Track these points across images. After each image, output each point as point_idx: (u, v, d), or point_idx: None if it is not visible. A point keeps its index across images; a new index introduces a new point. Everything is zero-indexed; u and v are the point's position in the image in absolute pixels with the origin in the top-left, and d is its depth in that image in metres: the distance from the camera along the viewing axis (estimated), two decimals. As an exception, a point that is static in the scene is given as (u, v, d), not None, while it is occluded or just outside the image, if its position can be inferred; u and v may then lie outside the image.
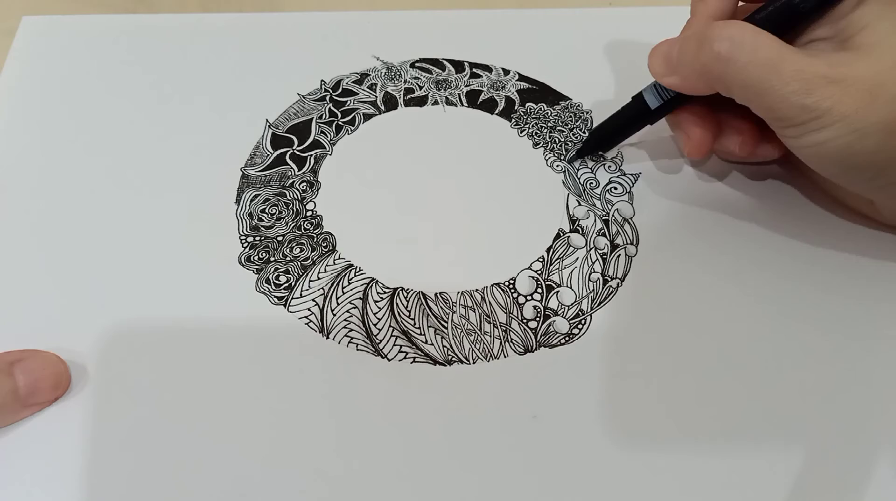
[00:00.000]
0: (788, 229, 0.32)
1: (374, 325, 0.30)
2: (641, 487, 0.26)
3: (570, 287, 0.31)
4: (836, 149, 0.26)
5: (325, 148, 0.35)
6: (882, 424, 0.28)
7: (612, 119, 0.33)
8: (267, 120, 0.35)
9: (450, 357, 0.29)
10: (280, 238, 0.32)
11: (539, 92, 0.37)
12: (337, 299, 0.30)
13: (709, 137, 0.31)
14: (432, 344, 0.29)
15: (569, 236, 0.32)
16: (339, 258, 0.31)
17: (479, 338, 0.29)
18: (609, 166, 0.34)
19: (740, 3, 0.30)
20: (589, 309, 0.30)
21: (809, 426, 0.28)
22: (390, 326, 0.30)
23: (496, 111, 0.36)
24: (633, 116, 0.32)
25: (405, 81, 0.37)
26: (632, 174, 0.34)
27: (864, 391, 0.28)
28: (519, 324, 0.30)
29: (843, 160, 0.26)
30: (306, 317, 0.30)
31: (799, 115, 0.26)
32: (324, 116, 0.36)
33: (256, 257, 0.31)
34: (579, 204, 0.33)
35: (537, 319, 0.30)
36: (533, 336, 0.29)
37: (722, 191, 0.34)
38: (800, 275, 0.31)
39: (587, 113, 0.36)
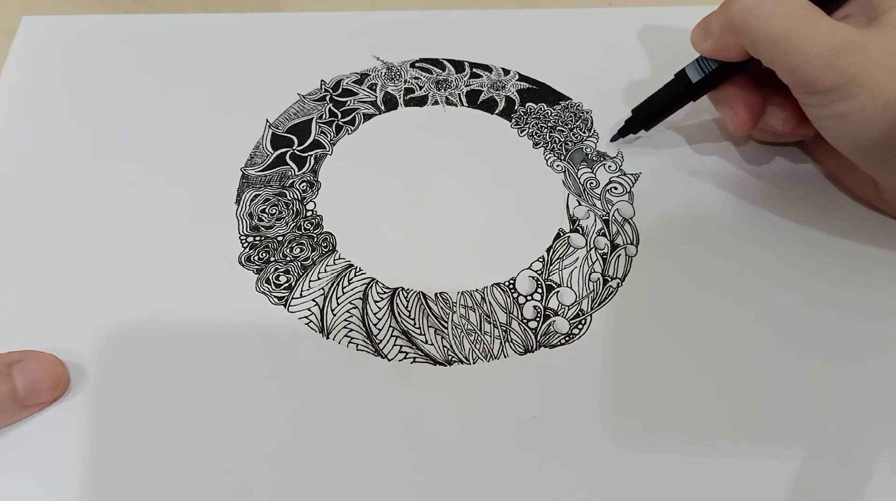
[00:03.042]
0: (788, 229, 0.32)
1: (374, 325, 0.30)
2: (641, 487, 0.26)
3: (571, 287, 0.31)
4: (858, 121, 0.26)
5: (325, 148, 0.35)
6: (883, 420, 0.28)
7: (655, 97, 0.33)
8: (267, 120, 0.35)
9: (450, 357, 0.29)
10: (280, 238, 0.32)
11: (539, 92, 0.37)
12: (337, 299, 0.30)
13: (753, 112, 0.31)
14: (432, 344, 0.29)
15: (569, 236, 0.32)
16: (339, 258, 0.31)
17: (479, 338, 0.29)
18: (609, 166, 0.34)
19: None
20: (589, 309, 0.30)
21: (810, 424, 0.28)
22: (390, 326, 0.30)
23: (496, 111, 0.36)
24: (676, 93, 0.33)
25: (405, 81, 0.37)
26: (632, 174, 0.34)
27: (864, 390, 0.28)
28: (519, 324, 0.30)
29: (864, 134, 0.26)
30: (306, 317, 0.30)
31: (824, 78, 0.26)
32: (324, 116, 0.36)
33: (256, 257, 0.31)
34: (579, 204, 0.33)
35: (537, 319, 0.30)
36: (533, 336, 0.29)
37: (722, 191, 0.34)
38: (800, 275, 0.31)
39: (587, 113, 0.36)
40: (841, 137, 0.28)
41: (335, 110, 0.36)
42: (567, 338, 0.29)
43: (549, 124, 0.36)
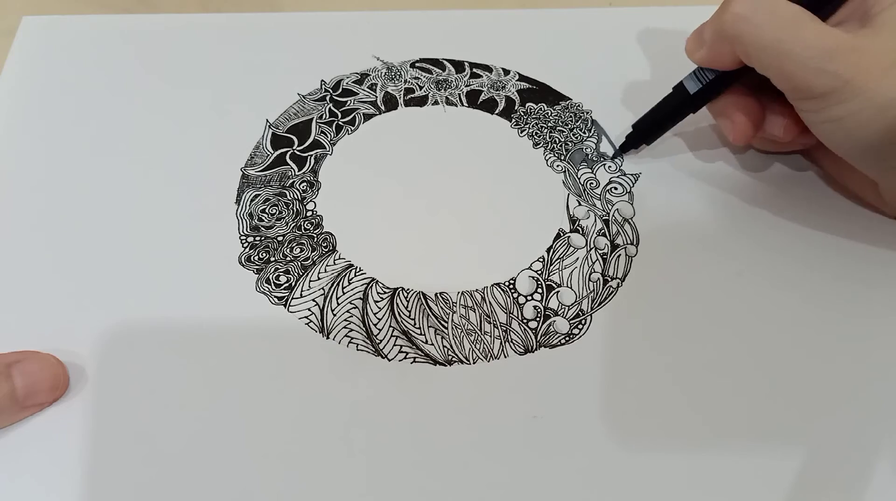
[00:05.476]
0: (789, 229, 0.32)
1: (375, 325, 0.30)
2: (642, 487, 0.26)
3: (571, 287, 0.31)
4: (855, 124, 0.26)
5: (325, 148, 0.35)
6: (883, 420, 0.28)
7: (654, 110, 0.33)
8: (267, 120, 0.35)
9: (450, 357, 0.29)
10: (280, 238, 0.32)
11: (539, 92, 0.37)
12: (337, 299, 0.30)
13: (752, 122, 0.31)
14: (432, 344, 0.29)
15: (569, 236, 0.32)
16: (339, 258, 0.31)
17: (480, 338, 0.29)
18: (609, 166, 0.34)
19: None
20: (589, 309, 0.30)
21: (810, 425, 0.28)
22: (390, 326, 0.30)
23: (496, 111, 0.36)
24: (675, 106, 0.32)
25: (405, 81, 0.37)
26: (632, 174, 0.34)
27: (864, 389, 0.28)
28: (519, 324, 0.30)
29: (861, 137, 0.26)
30: (306, 317, 0.30)
31: (818, 83, 0.26)
32: (324, 116, 0.36)
33: (256, 257, 0.31)
34: (579, 204, 0.33)
35: (537, 319, 0.30)
36: (533, 336, 0.29)
37: (722, 191, 0.34)
38: (800, 275, 0.31)
39: (587, 113, 0.36)
40: (838, 140, 0.28)
41: (335, 110, 0.36)
42: (567, 338, 0.29)
43: (549, 124, 0.36)
